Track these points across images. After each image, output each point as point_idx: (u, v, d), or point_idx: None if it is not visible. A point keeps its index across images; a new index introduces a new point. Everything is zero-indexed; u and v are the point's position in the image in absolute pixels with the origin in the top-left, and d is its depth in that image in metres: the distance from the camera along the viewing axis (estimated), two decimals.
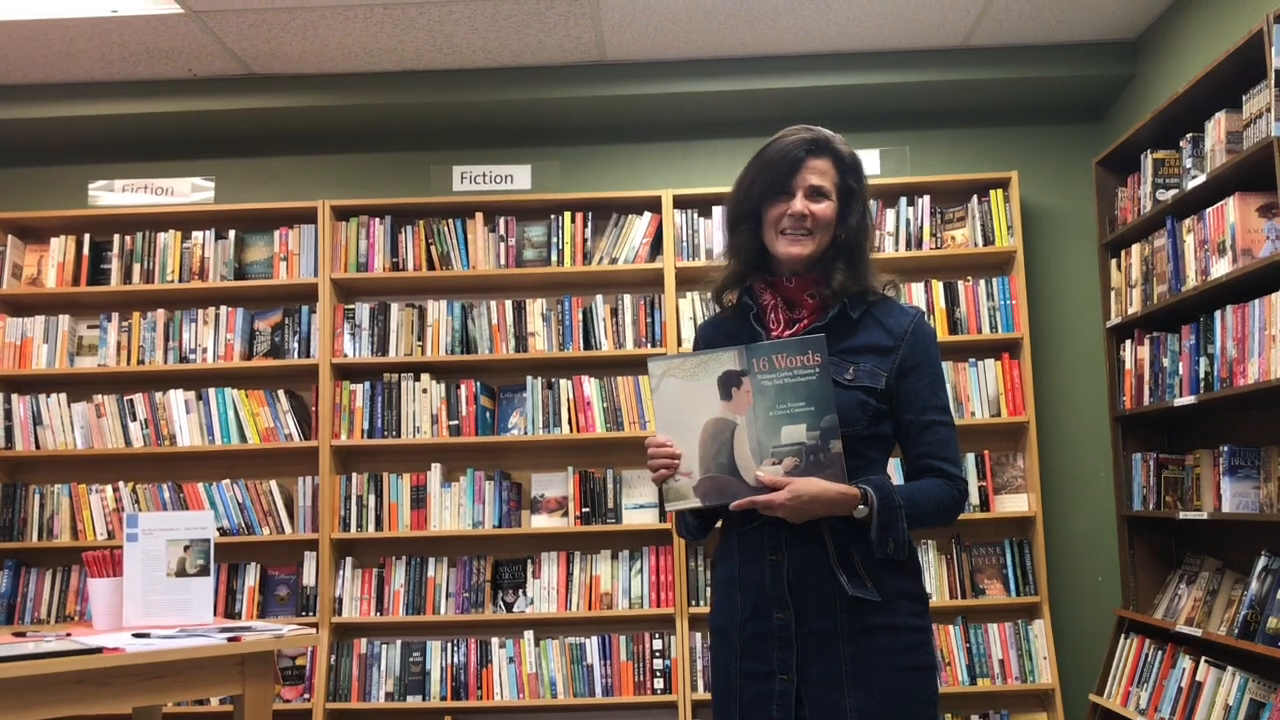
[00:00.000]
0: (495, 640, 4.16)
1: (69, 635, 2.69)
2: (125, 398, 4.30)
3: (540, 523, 4.24)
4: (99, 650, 2.42)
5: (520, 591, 4.21)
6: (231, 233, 4.41)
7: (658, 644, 4.12)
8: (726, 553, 1.99)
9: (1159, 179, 3.62)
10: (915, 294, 4.22)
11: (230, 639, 2.59)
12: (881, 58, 4.25)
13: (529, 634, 4.15)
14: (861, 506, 1.84)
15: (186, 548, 2.91)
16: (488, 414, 4.29)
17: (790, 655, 1.87)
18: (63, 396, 4.32)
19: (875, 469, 1.94)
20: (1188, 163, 3.43)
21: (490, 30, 3.97)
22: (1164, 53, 3.97)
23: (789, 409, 1.84)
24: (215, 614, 4.00)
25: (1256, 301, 3.01)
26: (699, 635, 4.09)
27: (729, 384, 1.86)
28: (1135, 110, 4.11)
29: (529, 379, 4.27)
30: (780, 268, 2.00)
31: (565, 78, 4.29)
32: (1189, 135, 3.43)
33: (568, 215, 4.34)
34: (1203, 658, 3.28)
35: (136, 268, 4.38)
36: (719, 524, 2.05)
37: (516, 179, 4.48)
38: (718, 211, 4.29)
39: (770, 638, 1.89)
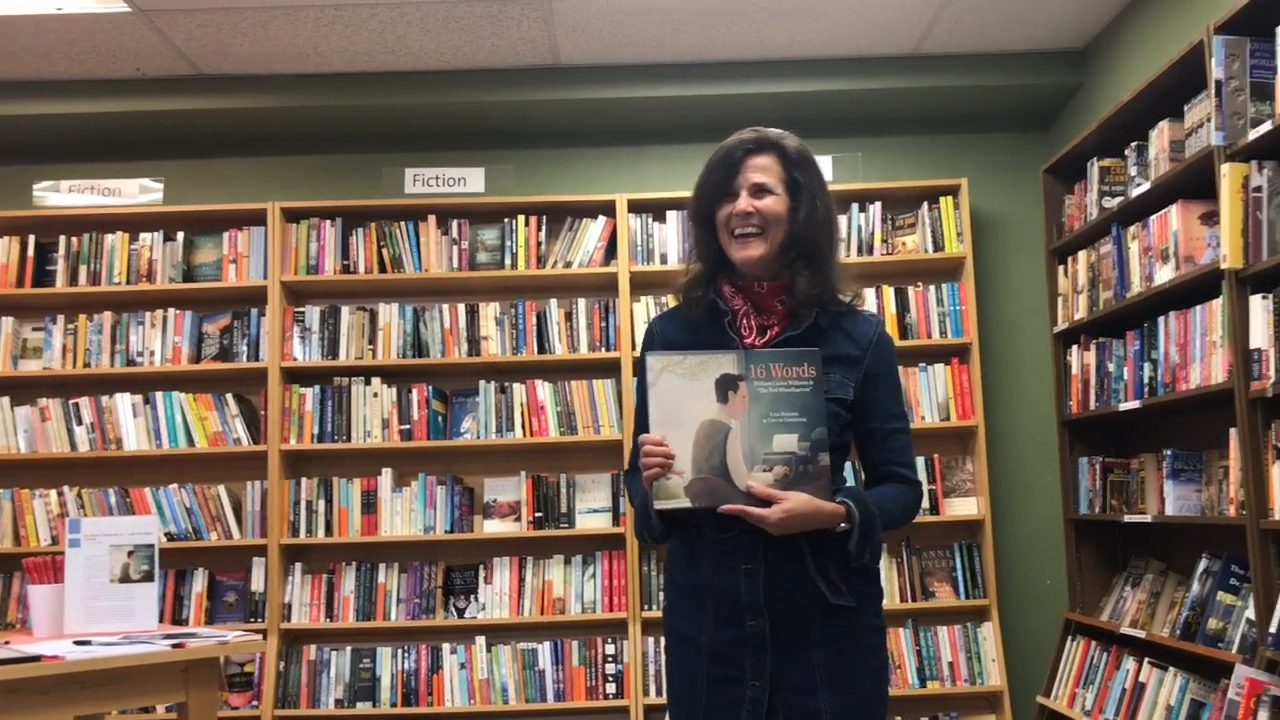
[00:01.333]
0: (446, 646, 4.14)
1: (7, 643, 2.63)
2: (70, 401, 4.23)
3: (493, 528, 4.22)
4: (38, 658, 2.37)
5: (472, 597, 4.19)
6: (180, 234, 4.35)
7: (610, 649, 4.11)
8: (691, 559, 1.98)
9: (1105, 187, 3.67)
10: (866, 300, 4.25)
11: (174, 646, 2.56)
12: (834, 64, 4.28)
13: (480, 639, 4.14)
14: (844, 523, 1.88)
15: (130, 553, 2.86)
16: (440, 418, 4.27)
17: (764, 662, 1.89)
18: (6, 400, 4.24)
19: (839, 478, 1.96)
20: (1132, 171, 3.48)
21: (443, 32, 3.95)
22: (1111, 62, 4.03)
23: (782, 418, 1.86)
24: (161, 621, 3.95)
25: (1198, 308, 3.06)
26: (652, 640, 4.08)
27: (726, 387, 1.87)
28: (1083, 119, 4.16)
29: (482, 383, 4.25)
30: (741, 271, 2.00)
31: (519, 81, 4.28)
32: (1134, 144, 3.49)
33: (521, 218, 4.33)
34: (1146, 659, 3.33)
35: (83, 269, 4.32)
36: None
37: (470, 181, 4.46)
38: (672, 216, 4.30)
39: (743, 644, 1.90)
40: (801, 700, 1.87)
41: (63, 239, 4.33)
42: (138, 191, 4.47)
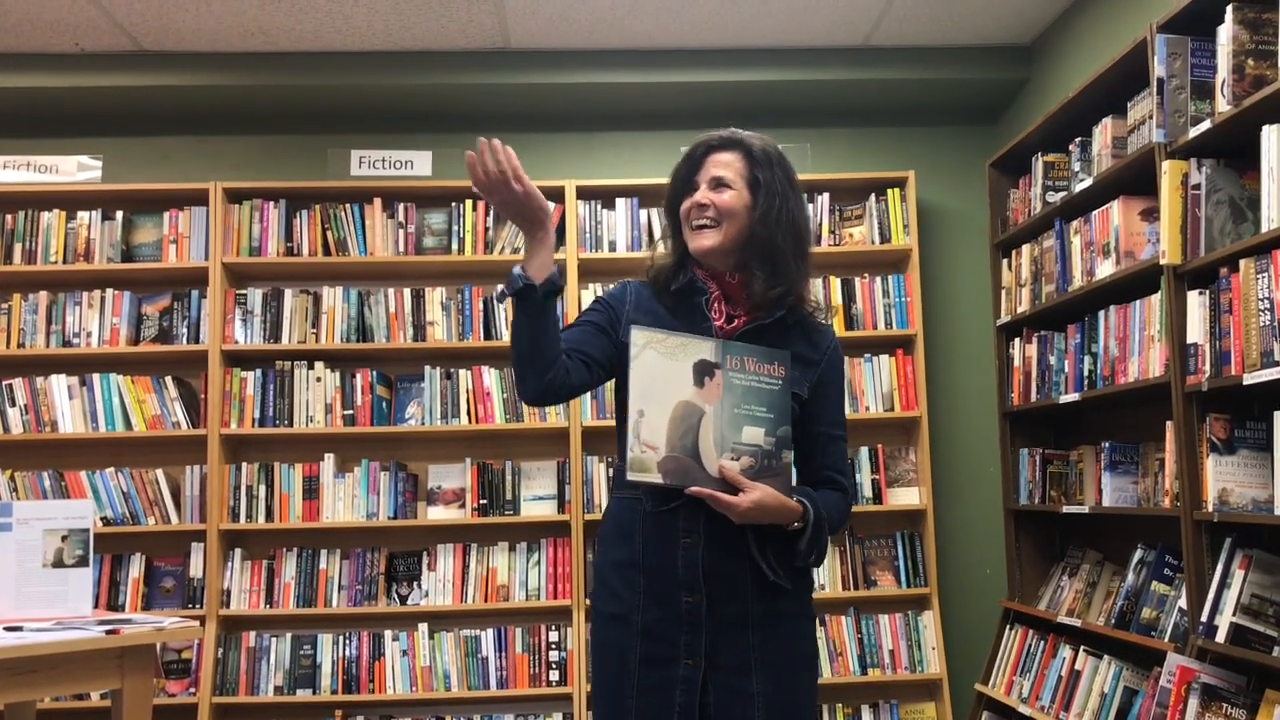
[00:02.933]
0: (389, 633, 4.11)
1: None
2: (4, 382, 4.14)
3: (437, 514, 4.19)
4: None
5: (415, 584, 4.16)
6: (119, 214, 4.27)
7: (554, 636, 4.11)
8: (623, 534, 1.99)
9: (1049, 181, 3.72)
10: (814, 290, 4.26)
11: (108, 632, 2.51)
12: (784, 55, 4.29)
13: (423, 626, 4.11)
14: (798, 523, 1.92)
15: (64, 538, 2.81)
16: (384, 404, 4.23)
17: (699, 640, 1.89)
18: None
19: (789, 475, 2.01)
20: (1076, 166, 3.53)
21: (391, 12, 3.90)
22: (1057, 58, 4.08)
23: (752, 410, 1.93)
24: (96, 606, 3.89)
25: (1137, 302, 3.11)
26: None
27: (703, 373, 1.93)
28: (1028, 114, 4.21)
29: (427, 368, 4.22)
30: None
31: (468, 64, 4.24)
32: (1078, 140, 3.53)
33: (469, 203, 4.30)
34: (1082, 647, 3.38)
35: (18, 248, 4.22)
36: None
37: (417, 165, 4.42)
38: (621, 203, 4.29)
39: (677, 622, 1.91)
40: (735, 681, 1.89)
41: None
42: (76, 169, 4.38)
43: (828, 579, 4.19)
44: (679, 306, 2.04)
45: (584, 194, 4.30)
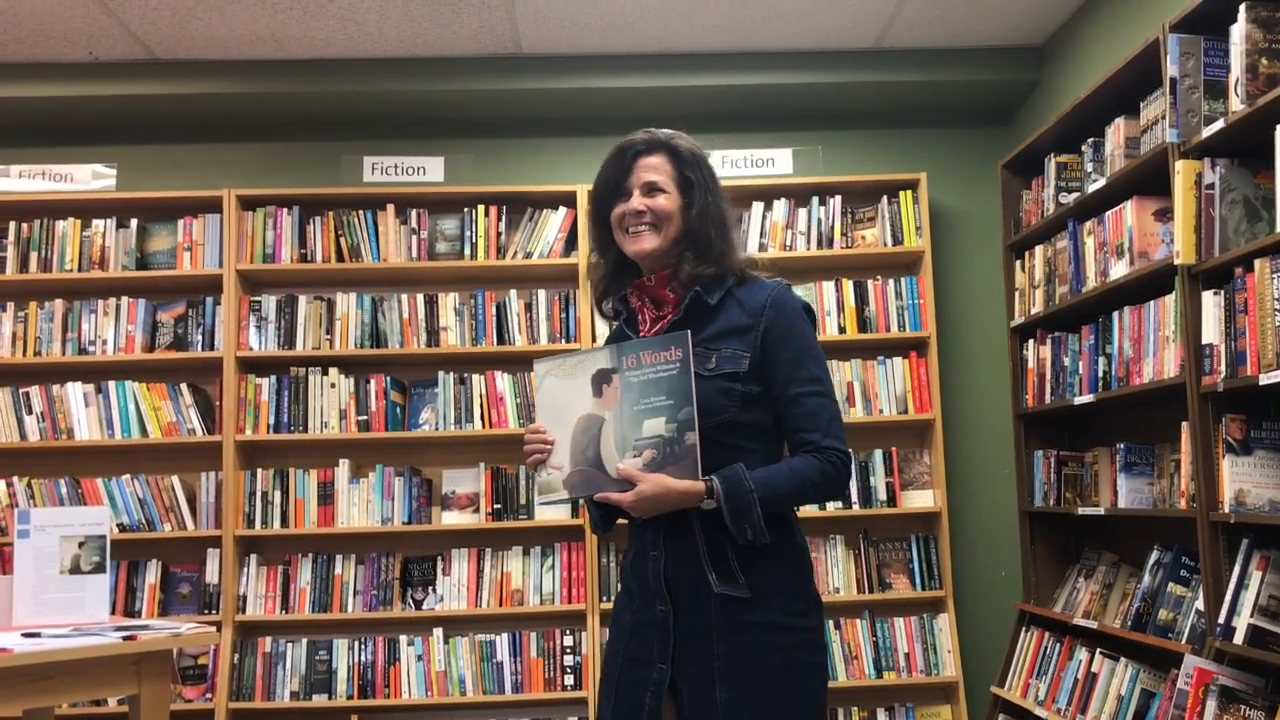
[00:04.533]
0: (404, 638, 4.11)
1: None
2: (20, 390, 4.16)
3: (451, 519, 4.20)
4: None
5: (430, 589, 4.17)
6: (133, 222, 4.29)
7: (568, 640, 4.11)
8: (629, 546, 2.08)
9: (1061, 182, 3.71)
10: (826, 292, 4.27)
11: (125, 638, 2.52)
12: (795, 58, 4.29)
13: (438, 631, 4.12)
14: (708, 500, 1.86)
15: (81, 544, 2.82)
16: (398, 409, 4.24)
17: (668, 647, 1.93)
18: None
19: (754, 459, 1.92)
20: (1089, 167, 3.52)
21: (403, 19, 3.92)
22: (1069, 59, 4.07)
23: (651, 403, 1.91)
24: (113, 612, 3.90)
25: (1152, 303, 3.10)
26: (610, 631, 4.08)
27: (600, 381, 1.96)
28: (1041, 115, 4.20)
29: (441, 374, 4.23)
30: (640, 267, 2.07)
31: (480, 69, 4.25)
32: (1090, 140, 3.52)
33: (481, 208, 4.31)
34: (1098, 649, 3.37)
35: (34, 256, 4.24)
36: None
37: (429, 171, 4.43)
38: None
39: (653, 628, 1.96)
40: (699, 688, 1.89)
41: (13, 225, 4.25)
42: (90, 177, 4.40)
43: (842, 582, 4.18)
44: (617, 332, 2.12)
45: None
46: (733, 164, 4.42)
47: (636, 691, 1.93)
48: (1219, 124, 2.73)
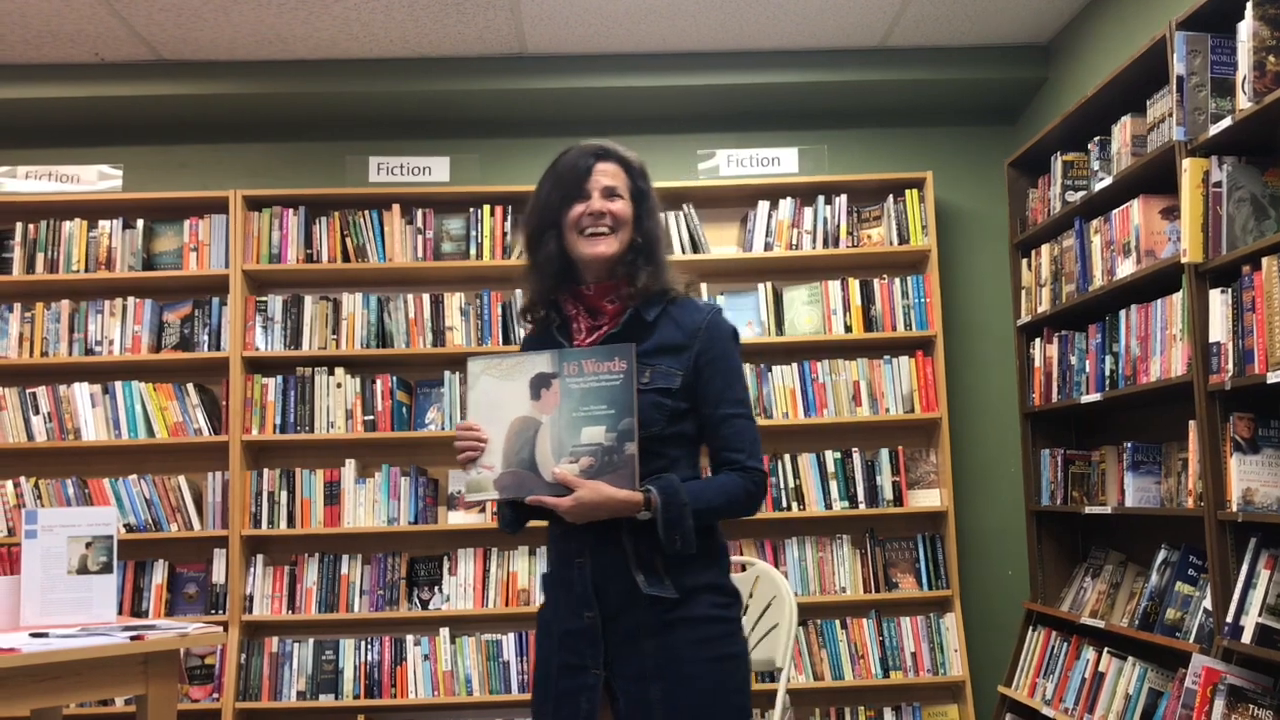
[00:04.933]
0: (410, 638, 4.12)
1: None
2: (27, 390, 4.17)
3: (457, 519, 4.20)
4: None
5: (436, 588, 4.17)
6: (140, 222, 4.30)
7: None
8: (550, 553, 2.11)
9: (1068, 181, 3.70)
10: (832, 291, 4.26)
11: (133, 638, 2.53)
12: (800, 56, 4.28)
13: (445, 631, 4.12)
14: (645, 511, 1.92)
15: (88, 544, 2.83)
16: (404, 409, 4.24)
17: (599, 652, 1.96)
18: None
19: (679, 467, 2.00)
20: (1095, 165, 3.51)
21: (408, 20, 3.92)
22: (1075, 57, 4.06)
23: (591, 411, 1.93)
24: (120, 613, 3.91)
25: (1159, 301, 3.09)
26: None
27: (539, 385, 1.97)
28: (1047, 113, 4.19)
29: (447, 374, 4.23)
30: (584, 274, 2.06)
31: (485, 69, 4.25)
32: (1097, 138, 3.51)
33: (487, 208, 4.31)
34: (1105, 649, 3.36)
35: (40, 257, 4.25)
36: (545, 524, 2.11)
37: (435, 171, 4.43)
38: None
39: (582, 635, 1.99)
40: (634, 688, 1.94)
41: (19, 225, 4.26)
42: (96, 178, 4.41)
43: (848, 581, 4.18)
44: (547, 340, 2.10)
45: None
46: (738, 163, 4.42)
47: (574, 699, 1.97)
48: (1226, 122, 2.72)
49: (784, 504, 4.19)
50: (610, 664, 1.95)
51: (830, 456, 4.21)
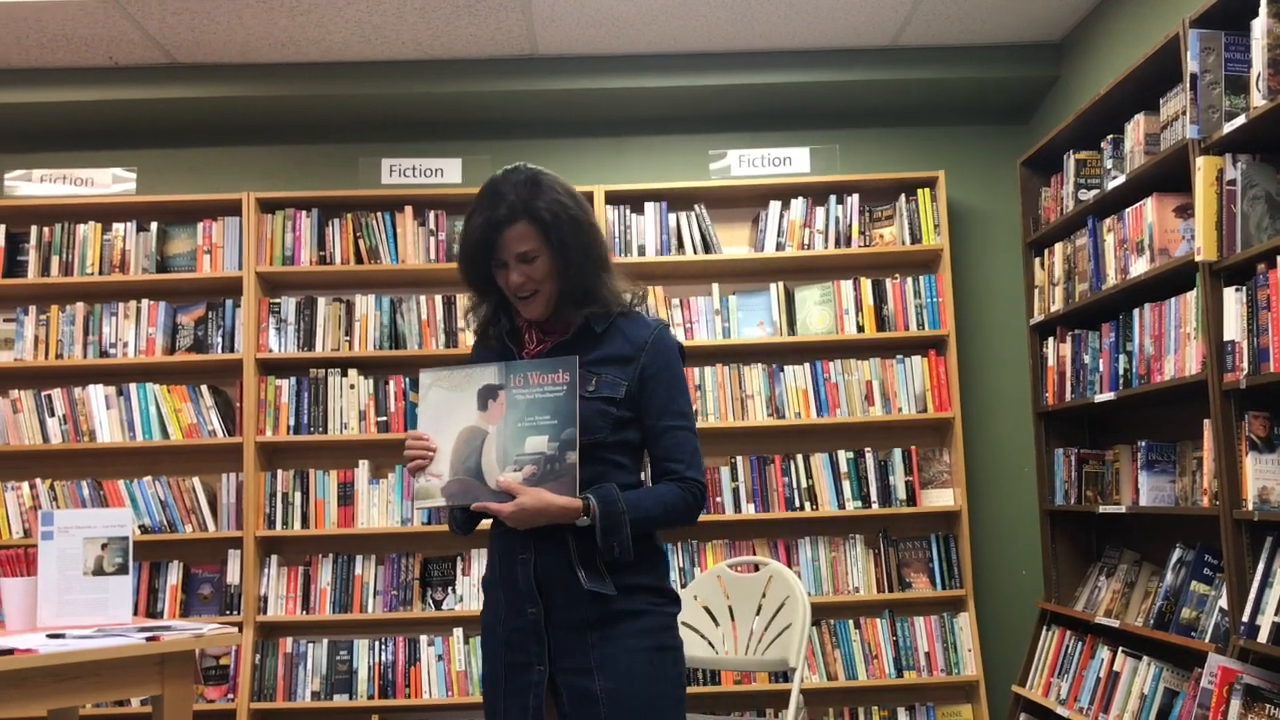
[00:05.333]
0: (424, 638, 4.13)
1: None
2: (43, 393, 4.19)
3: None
4: (10, 651, 2.35)
5: (449, 589, 4.18)
6: (153, 225, 4.31)
7: None
8: (491, 556, 2.17)
9: (1081, 179, 3.69)
10: (844, 291, 4.26)
11: (149, 639, 2.54)
12: (811, 56, 4.28)
13: (458, 631, 4.13)
14: (584, 517, 1.98)
15: (104, 546, 2.84)
16: (417, 410, 4.24)
17: (544, 648, 2.03)
18: None
19: (624, 473, 2.08)
20: (1108, 163, 3.50)
21: (419, 22, 3.93)
22: (1087, 55, 4.05)
23: (535, 421, 2.01)
24: (135, 613, 3.92)
25: (1173, 300, 3.08)
26: None
27: (487, 396, 2.06)
28: (1059, 111, 4.18)
29: None
30: None
31: (496, 71, 4.26)
32: (1110, 137, 3.50)
33: None
34: (1120, 648, 3.35)
35: (55, 260, 4.27)
36: (489, 526, 2.18)
37: (447, 172, 4.44)
38: (650, 207, 4.29)
39: (526, 632, 2.05)
40: (578, 681, 2.01)
41: (34, 229, 4.28)
42: (110, 181, 4.43)
43: (862, 581, 4.17)
44: (499, 347, 2.18)
45: (613, 199, 4.31)
46: (750, 163, 4.42)
47: (522, 697, 2.03)
48: (1240, 119, 2.71)
49: (797, 504, 4.18)
50: (554, 659, 2.03)
51: (843, 456, 4.21)
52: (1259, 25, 2.66)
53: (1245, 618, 2.64)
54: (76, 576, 2.80)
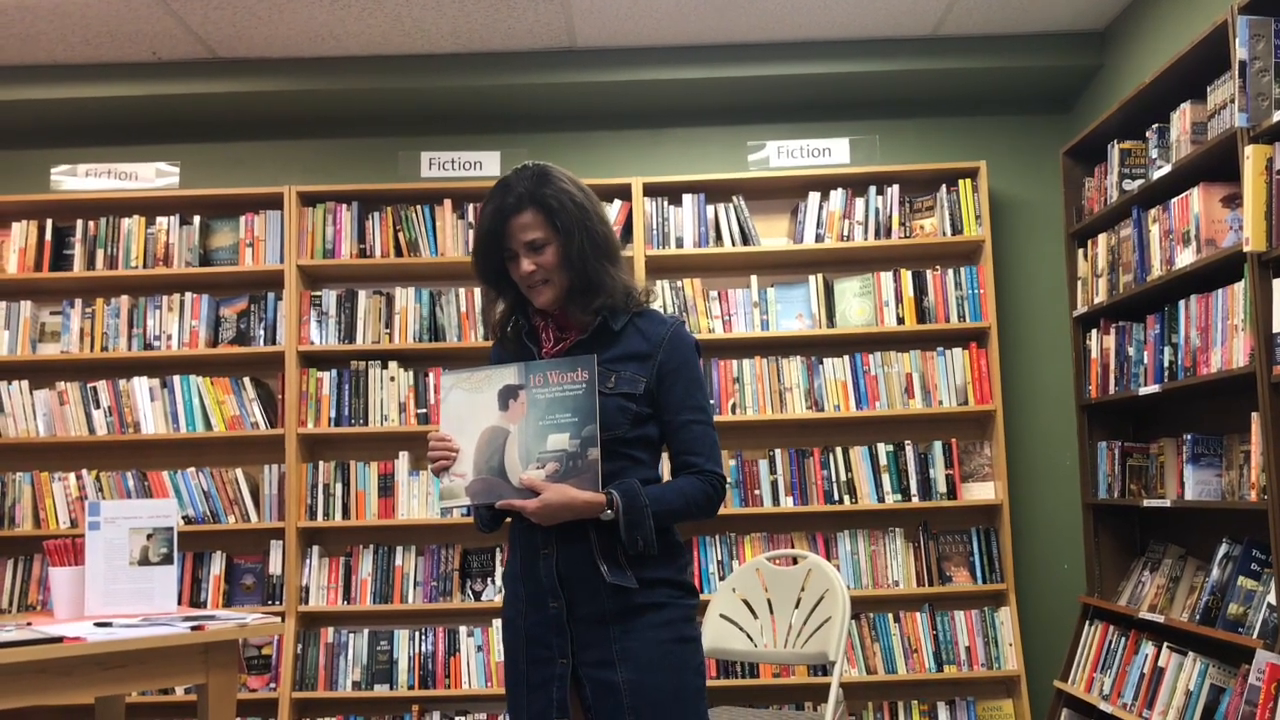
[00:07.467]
0: (464, 629, 4.15)
1: (29, 624, 2.65)
2: (89, 385, 4.25)
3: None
4: (59, 640, 2.39)
5: (489, 580, 4.20)
6: (196, 218, 4.36)
7: None
8: (512, 551, 2.20)
9: (1125, 169, 3.64)
10: (884, 282, 4.23)
11: (193, 628, 2.57)
12: (851, 46, 4.25)
13: (497, 622, 4.14)
14: (608, 511, 2.03)
15: (149, 536, 2.88)
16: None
17: (566, 641, 2.07)
18: (25, 384, 4.26)
19: (643, 469, 2.12)
20: (1154, 153, 3.45)
21: (458, 15, 3.94)
22: (1132, 43, 4.00)
23: (556, 419, 2.05)
24: (180, 603, 3.96)
25: (1219, 291, 3.03)
26: None
27: (507, 396, 2.09)
28: (1103, 101, 4.13)
29: None
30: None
31: (535, 64, 4.26)
32: (1155, 126, 3.45)
33: None
34: (1165, 644, 3.31)
35: (100, 253, 4.33)
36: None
37: (485, 165, 4.45)
38: (688, 199, 4.28)
39: (549, 625, 2.09)
40: (600, 673, 2.05)
41: (80, 223, 4.34)
42: (154, 175, 4.48)
43: (901, 575, 4.15)
44: (518, 346, 2.21)
45: (651, 190, 4.30)
46: (789, 154, 4.40)
47: (545, 690, 2.07)
48: None
49: (836, 497, 4.17)
50: (576, 652, 2.06)
51: (883, 449, 4.19)
52: None
53: None
54: (123, 566, 2.84)
